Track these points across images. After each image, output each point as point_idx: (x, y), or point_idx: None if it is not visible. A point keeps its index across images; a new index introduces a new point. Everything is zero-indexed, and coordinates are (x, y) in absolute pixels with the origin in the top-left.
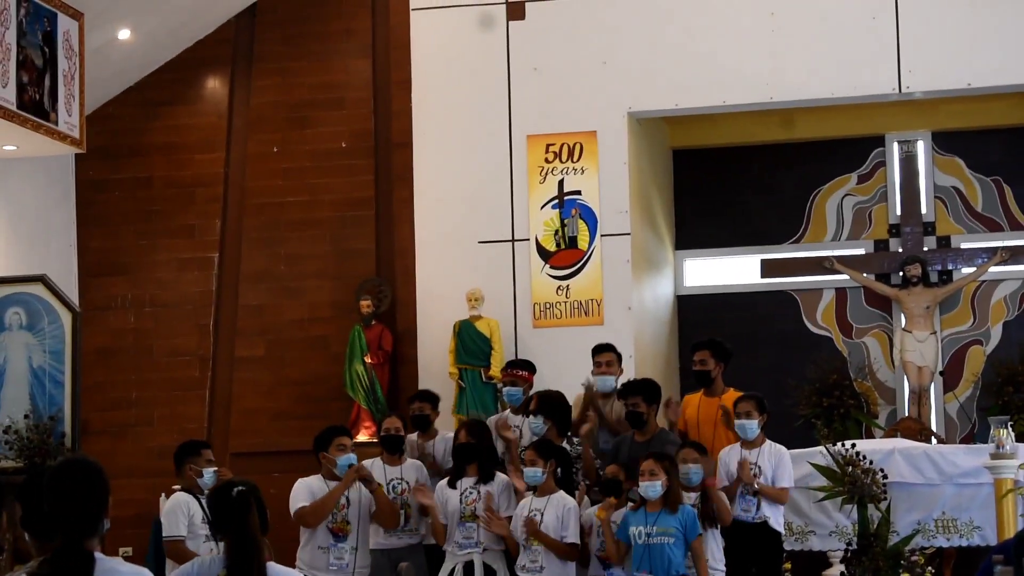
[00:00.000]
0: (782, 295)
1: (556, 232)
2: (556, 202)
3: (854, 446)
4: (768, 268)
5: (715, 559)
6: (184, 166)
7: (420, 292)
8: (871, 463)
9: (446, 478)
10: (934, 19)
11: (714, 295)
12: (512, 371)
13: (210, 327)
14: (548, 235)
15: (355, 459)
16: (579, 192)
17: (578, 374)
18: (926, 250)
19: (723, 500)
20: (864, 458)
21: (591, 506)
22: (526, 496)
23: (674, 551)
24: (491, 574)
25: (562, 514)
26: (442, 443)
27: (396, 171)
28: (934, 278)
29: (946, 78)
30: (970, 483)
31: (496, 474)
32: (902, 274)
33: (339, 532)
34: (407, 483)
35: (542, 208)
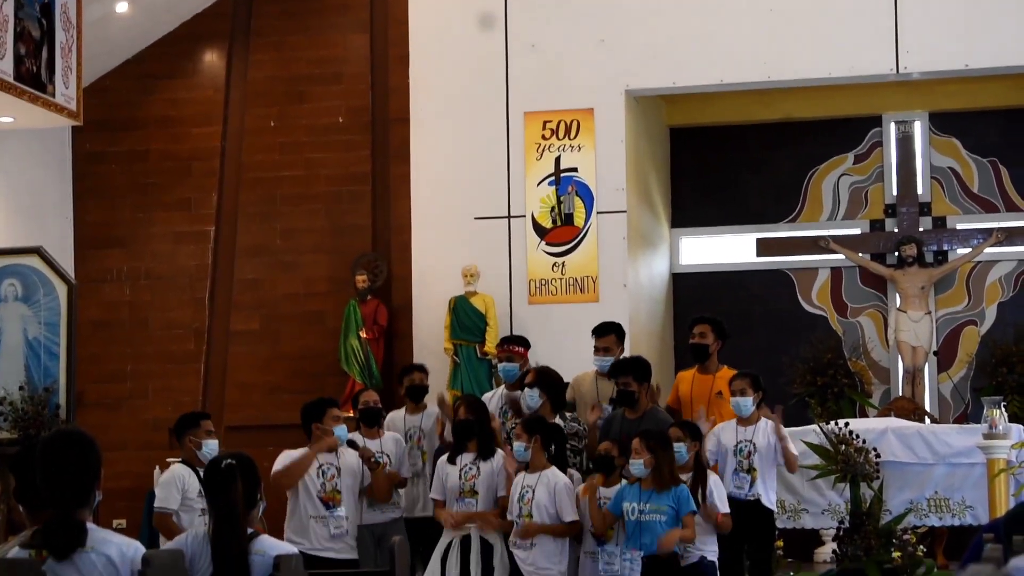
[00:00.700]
0: (777, 274)
1: (552, 209)
2: (553, 179)
3: (847, 425)
4: (764, 247)
5: (704, 541)
6: (181, 140)
7: (416, 267)
8: (864, 442)
9: (446, 454)
10: (932, 0)
11: (709, 273)
12: (507, 347)
13: (206, 300)
14: (544, 212)
15: (344, 431)
16: (576, 169)
17: (573, 350)
18: (922, 230)
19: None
20: (857, 437)
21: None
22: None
23: (665, 528)
24: (488, 549)
25: (554, 491)
26: (430, 418)
27: (393, 147)
28: (929, 258)
29: (944, 59)
30: (963, 463)
31: (496, 451)
32: (897, 254)
33: (329, 501)
34: (387, 455)
35: (539, 185)
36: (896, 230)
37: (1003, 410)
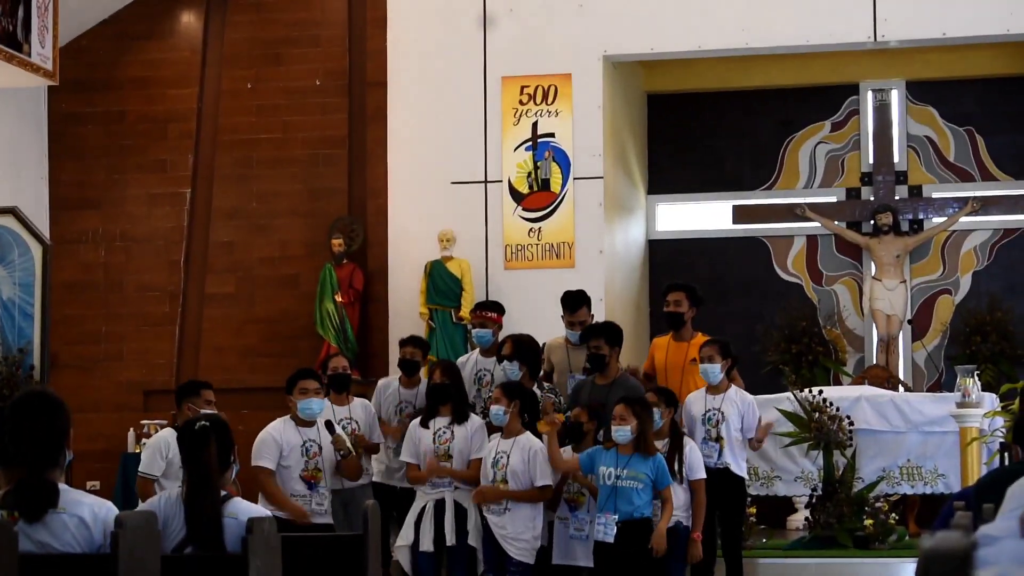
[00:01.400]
0: (753, 241)
1: (529, 174)
2: (530, 144)
3: (821, 393)
4: (740, 214)
5: (679, 508)
6: (157, 101)
7: (392, 232)
8: (838, 410)
9: (418, 417)
10: None
11: (685, 240)
12: (481, 313)
13: (181, 263)
14: (521, 177)
15: (316, 405)
16: (553, 135)
17: (549, 316)
18: (898, 199)
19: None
20: (831, 405)
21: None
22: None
23: (640, 496)
24: (462, 513)
25: (528, 456)
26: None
27: (370, 110)
28: (905, 227)
29: (921, 28)
30: (935, 431)
31: (470, 416)
32: (873, 222)
33: (311, 480)
34: (356, 422)
35: (515, 150)
36: (872, 198)
37: (976, 379)
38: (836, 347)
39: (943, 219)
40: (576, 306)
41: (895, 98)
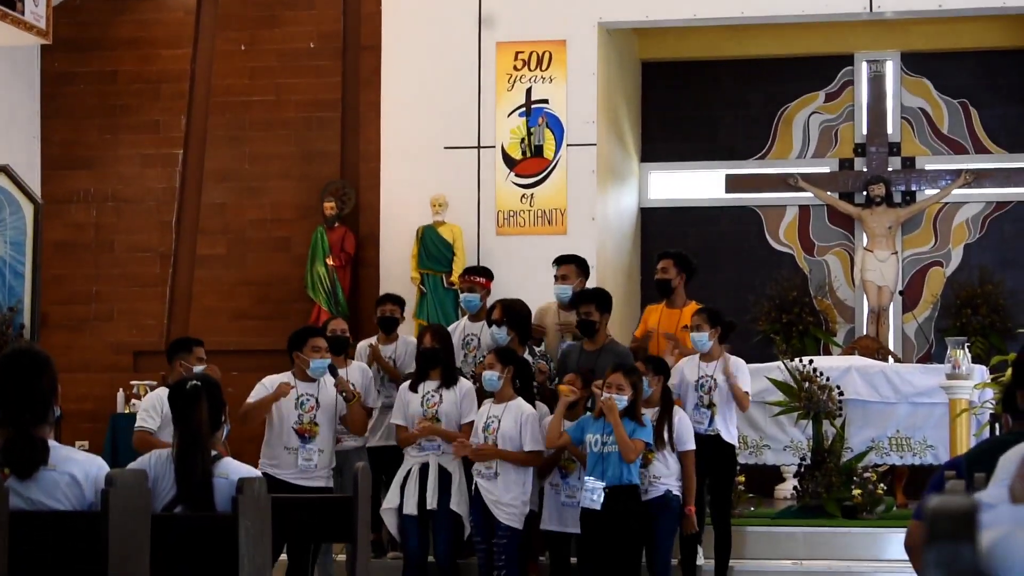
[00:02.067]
0: (745, 211)
1: (522, 140)
2: (523, 110)
3: (811, 362)
4: (732, 183)
5: (669, 476)
6: (150, 61)
7: (384, 196)
8: (828, 380)
9: (407, 381)
10: None
11: (678, 208)
12: (469, 277)
13: (172, 224)
14: (514, 143)
15: (325, 363)
16: (546, 101)
17: (540, 282)
18: (891, 170)
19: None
20: (821, 375)
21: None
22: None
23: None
24: (446, 476)
25: (520, 421)
26: (403, 346)
27: (363, 74)
28: (897, 198)
29: None
30: (925, 402)
31: (460, 380)
32: (866, 193)
33: (305, 433)
34: (352, 384)
35: (509, 116)
36: (865, 169)
37: (966, 351)
38: (827, 317)
39: (936, 191)
40: (563, 261)
41: (889, 69)
